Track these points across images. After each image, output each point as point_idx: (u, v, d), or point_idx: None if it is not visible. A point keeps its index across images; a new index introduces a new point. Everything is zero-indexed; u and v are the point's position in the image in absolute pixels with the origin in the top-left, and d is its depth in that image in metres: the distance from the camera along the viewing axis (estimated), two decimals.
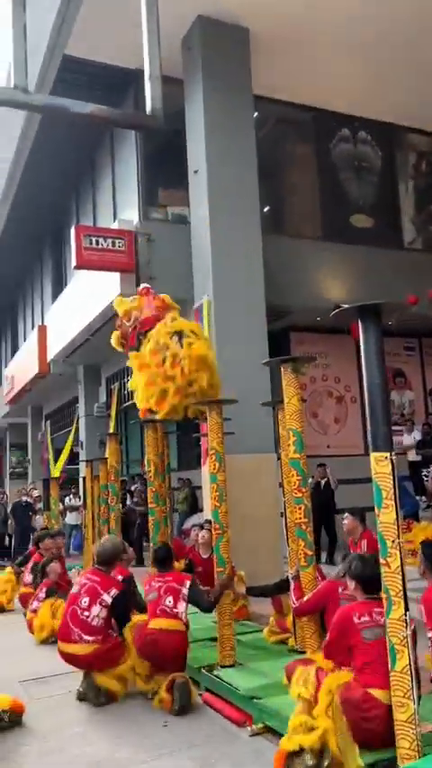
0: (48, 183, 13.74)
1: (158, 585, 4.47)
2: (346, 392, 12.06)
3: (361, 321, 3.00)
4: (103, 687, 4.35)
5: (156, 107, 2.73)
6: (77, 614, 4.45)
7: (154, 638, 4.23)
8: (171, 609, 4.33)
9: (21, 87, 2.56)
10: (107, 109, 2.87)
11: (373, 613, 3.14)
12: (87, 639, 4.37)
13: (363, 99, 10.86)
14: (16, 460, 25.71)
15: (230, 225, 8.51)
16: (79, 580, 4.76)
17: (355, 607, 3.25)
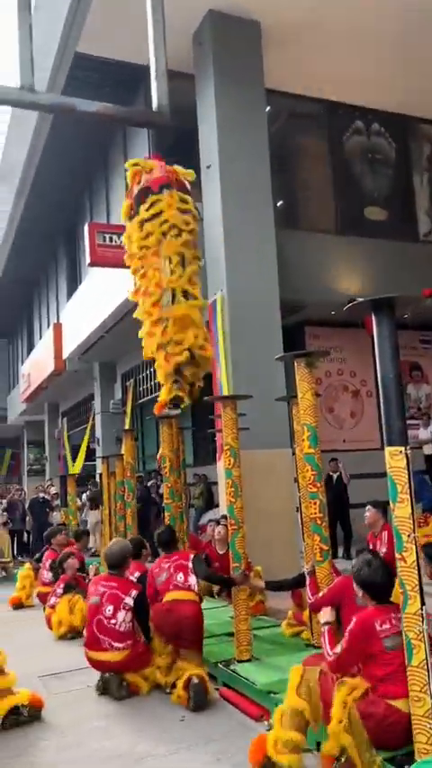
0: (61, 181, 13.80)
1: (167, 565, 4.69)
2: (362, 386, 12.00)
3: (374, 315, 2.98)
4: (127, 682, 4.40)
5: (162, 104, 2.72)
6: (104, 624, 4.47)
7: (168, 608, 4.45)
8: (183, 583, 4.57)
9: (27, 87, 2.57)
10: (113, 107, 2.88)
11: (392, 619, 3.02)
12: (118, 647, 4.43)
13: (376, 91, 10.76)
14: (33, 457, 25.94)
15: (243, 220, 8.49)
16: (95, 589, 4.67)
17: (375, 613, 3.09)
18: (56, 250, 18.06)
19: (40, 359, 17.85)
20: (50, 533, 8.30)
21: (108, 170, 13.09)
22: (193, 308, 5.21)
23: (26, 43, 2.56)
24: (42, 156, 12.39)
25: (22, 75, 2.53)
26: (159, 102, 2.73)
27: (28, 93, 2.57)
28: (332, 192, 11.15)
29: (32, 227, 15.74)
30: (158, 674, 4.40)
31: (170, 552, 4.88)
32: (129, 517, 8.00)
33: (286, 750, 2.97)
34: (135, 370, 13.91)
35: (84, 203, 15.07)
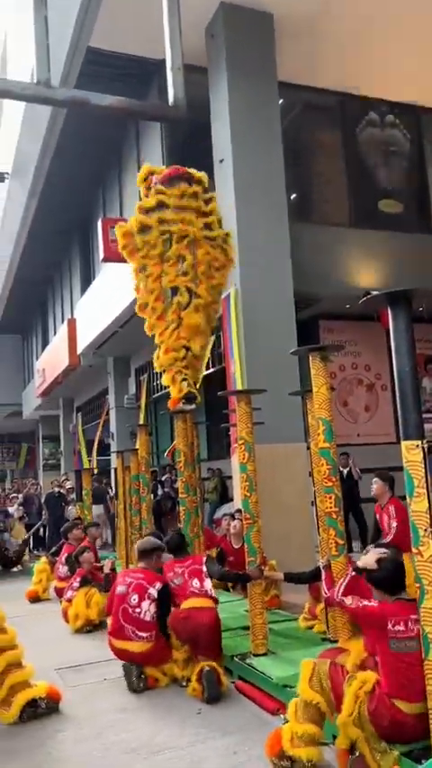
0: (74, 177, 13.82)
1: (182, 571, 4.71)
2: (377, 380, 11.93)
3: (390, 308, 2.96)
4: (145, 675, 4.49)
5: (178, 97, 2.71)
6: (129, 612, 4.60)
7: (186, 616, 4.44)
8: (199, 589, 4.59)
9: (44, 82, 2.57)
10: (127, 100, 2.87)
11: (408, 622, 2.94)
12: (142, 636, 4.53)
13: (390, 82, 10.65)
14: (49, 452, 26.10)
15: (257, 213, 8.45)
16: (123, 579, 4.84)
17: (393, 610, 3.00)
18: (69, 246, 18.11)
19: (54, 354, 17.94)
20: (67, 528, 8.37)
21: (121, 165, 13.10)
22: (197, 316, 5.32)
23: (42, 38, 2.56)
24: (55, 151, 12.41)
25: (39, 71, 2.53)
26: (175, 95, 2.72)
27: (44, 88, 2.57)
28: (346, 185, 11.07)
29: (46, 223, 15.79)
30: (176, 667, 4.46)
31: (182, 557, 4.90)
32: (144, 511, 8.03)
33: (303, 743, 2.97)
34: (149, 365, 13.92)
35: (97, 199, 15.09)
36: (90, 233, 15.95)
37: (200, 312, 5.45)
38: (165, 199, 5.53)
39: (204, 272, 5.56)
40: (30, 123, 12.36)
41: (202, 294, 5.48)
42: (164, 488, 13.00)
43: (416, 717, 2.84)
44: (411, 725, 2.85)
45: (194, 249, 5.51)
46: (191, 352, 5.49)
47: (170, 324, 5.47)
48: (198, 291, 5.48)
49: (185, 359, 5.49)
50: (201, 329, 5.44)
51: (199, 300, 5.45)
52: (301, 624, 5.34)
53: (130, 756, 3.41)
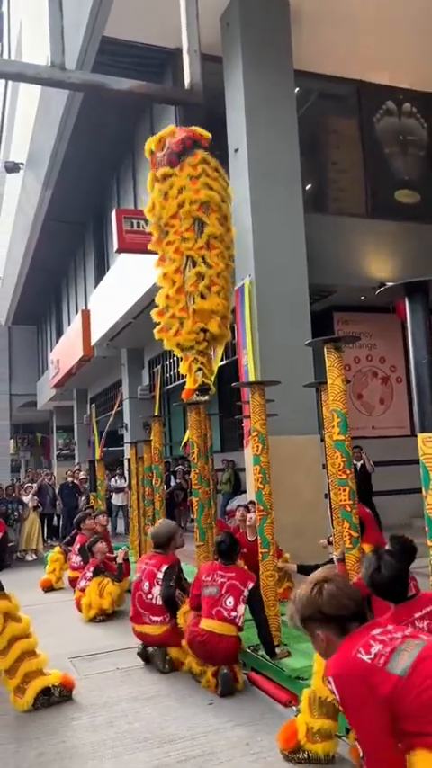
0: (89, 168, 13.81)
1: (221, 582, 4.30)
2: (392, 372, 11.85)
3: (408, 299, 2.91)
4: (171, 657, 4.59)
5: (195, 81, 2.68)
6: (143, 598, 4.76)
7: (204, 641, 4.18)
8: (229, 612, 4.20)
9: (58, 65, 2.55)
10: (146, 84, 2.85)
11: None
12: (156, 620, 4.68)
13: (407, 70, 10.52)
14: (63, 443, 26.27)
15: (272, 204, 8.39)
16: (139, 566, 4.99)
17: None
18: (84, 236, 18.12)
19: (68, 345, 18.01)
20: (80, 518, 8.42)
21: (135, 156, 13.05)
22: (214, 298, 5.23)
23: (57, 20, 2.54)
24: (70, 142, 12.39)
25: (53, 53, 2.51)
26: (192, 79, 2.69)
27: (59, 71, 2.55)
28: (362, 175, 10.96)
29: (60, 214, 15.80)
30: (194, 663, 4.39)
31: (228, 565, 4.42)
32: (157, 502, 8.04)
33: (320, 738, 2.97)
34: (162, 356, 13.93)
35: (111, 190, 15.07)
36: (104, 224, 15.95)
37: (214, 287, 5.31)
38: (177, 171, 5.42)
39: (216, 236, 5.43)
40: (44, 114, 12.35)
41: (216, 262, 5.36)
42: (176, 479, 13.05)
43: None
44: None
45: (209, 213, 5.41)
46: (209, 333, 5.39)
47: (189, 299, 5.36)
48: (210, 261, 5.35)
49: (205, 340, 5.39)
50: (216, 311, 5.34)
51: (213, 272, 5.32)
52: None
53: (142, 745, 3.43)
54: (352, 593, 2.05)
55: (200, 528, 5.56)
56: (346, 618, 1.98)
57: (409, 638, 1.95)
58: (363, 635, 1.97)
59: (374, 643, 1.95)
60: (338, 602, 2.00)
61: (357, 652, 1.94)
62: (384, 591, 2.97)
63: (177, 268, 5.37)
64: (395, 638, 1.93)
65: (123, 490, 13.91)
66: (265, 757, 3.21)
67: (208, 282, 5.27)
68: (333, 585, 2.04)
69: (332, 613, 2.01)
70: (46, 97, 11.70)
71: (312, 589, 2.02)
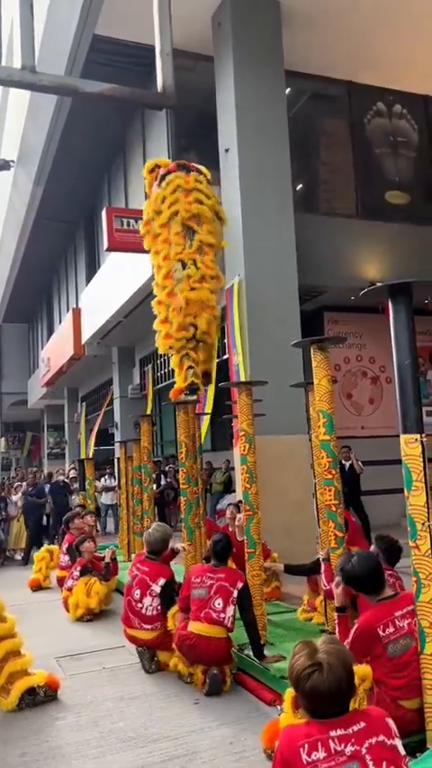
0: (80, 166, 13.77)
1: (210, 583, 4.25)
2: (381, 372, 11.89)
3: (392, 300, 2.93)
4: (158, 658, 4.59)
5: (167, 84, 2.68)
6: (133, 605, 4.74)
7: (193, 644, 4.15)
8: (218, 613, 4.15)
9: (29, 68, 2.54)
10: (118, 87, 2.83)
11: (396, 620, 2.93)
12: (146, 627, 4.68)
13: (397, 71, 10.54)
14: (54, 441, 26.19)
15: (262, 203, 8.40)
16: (131, 569, 4.94)
17: (377, 615, 2.96)
18: (74, 235, 18.08)
19: (59, 343, 17.96)
20: (68, 517, 8.40)
21: (126, 155, 13.03)
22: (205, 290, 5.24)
23: (27, 24, 2.54)
24: (61, 140, 12.35)
25: (24, 56, 2.51)
26: (165, 82, 2.69)
27: (30, 73, 2.54)
28: (353, 176, 10.98)
29: (51, 212, 15.74)
30: (180, 663, 4.38)
31: (218, 566, 4.38)
32: (146, 501, 8.05)
33: None
34: (153, 355, 13.92)
35: (102, 188, 15.04)
36: (95, 222, 15.91)
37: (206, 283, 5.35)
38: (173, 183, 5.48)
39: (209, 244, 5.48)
40: (35, 111, 12.30)
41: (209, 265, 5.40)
42: (167, 479, 13.05)
43: (415, 711, 2.84)
44: (412, 720, 2.84)
45: (201, 224, 5.45)
46: (198, 330, 5.40)
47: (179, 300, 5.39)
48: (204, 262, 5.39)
49: (194, 338, 5.41)
50: (207, 303, 5.35)
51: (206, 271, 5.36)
52: (299, 616, 5.35)
53: (126, 745, 3.43)
54: (334, 689, 1.90)
55: (187, 527, 5.57)
56: (316, 712, 1.93)
57: (351, 762, 1.84)
58: (321, 730, 1.88)
59: (321, 748, 1.85)
60: (315, 697, 1.91)
61: (302, 746, 1.86)
62: (356, 582, 3.08)
63: (167, 273, 5.39)
64: (342, 754, 1.84)
65: (113, 489, 13.89)
66: (249, 757, 3.21)
67: (199, 277, 5.29)
68: (320, 677, 1.90)
69: (305, 704, 1.97)
70: (37, 94, 11.65)
71: (303, 671, 1.92)
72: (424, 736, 2.77)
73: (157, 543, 4.95)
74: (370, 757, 1.83)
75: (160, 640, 4.60)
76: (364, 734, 1.87)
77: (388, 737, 1.89)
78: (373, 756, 1.83)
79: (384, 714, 1.99)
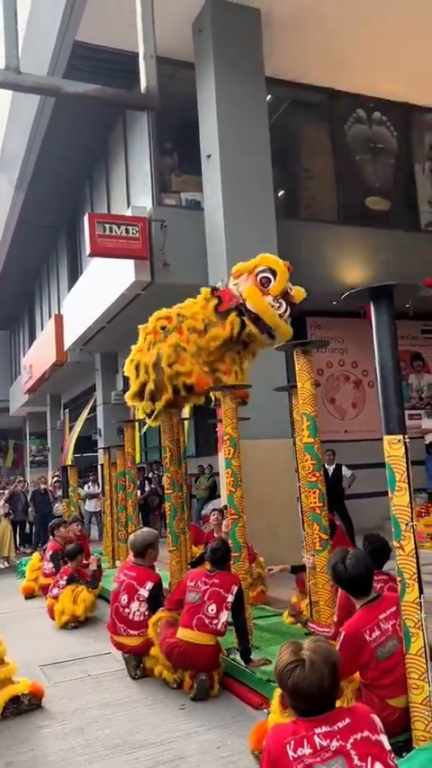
0: (62, 171, 13.73)
1: (204, 589, 4.20)
2: (364, 376, 11.97)
3: (373, 303, 2.96)
4: (144, 665, 4.57)
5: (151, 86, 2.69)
6: (120, 611, 4.70)
7: (182, 651, 4.12)
8: (211, 620, 4.11)
9: (12, 68, 2.54)
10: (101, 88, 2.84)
11: (381, 623, 2.94)
12: (132, 634, 4.63)
13: (377, 79, 10.67)
14: (36, 449, 25.98)
15: (244, 209, 8.44)
16: (118, 576, 4.90)
17: (362, 620, 2.98)
18: (57, 240, 18.00)
19: (41, 350, 17.83)
20: (54, 525, 8.33)
21: (108, 160, 13.02)
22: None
23: (11, 23, 2.54)
24: (42, 145, 12.32)
25: (7, 57, 2.51)
26: (148, 84, 2.70)
27: (13, 73, 2.54)
28: (334, 182, 11.08)
29: (33, 218, 15.68)
30: (165, 671, 4.36)
31: (213, 572, 4.32)
32: (130, 508, 8.02)
33: None
34: None
35: (84, 193, 15.01)
36: (77, 228, 15.85)
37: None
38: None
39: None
40: (16, 116, 12.27)
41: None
42: (151, 485, 13.01)
43: (403, 710, 2.86)
44: (399, 718, 2.86)
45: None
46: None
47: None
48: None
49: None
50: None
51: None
52: (285, 620, 5.34)
53: (112, 752, 3.41)
54: (316, 685, 1.91)
55: (172, 533, 5.55)
56: (301, 709, 1.96)
57: (336, 757, 1.86)
58: (307, 727, 1.90)
59: (307, 745, 1.87)
60: (297, 693, 1.93)
61: (288, 743, 1.88)
62: (344, 583, 3.10)
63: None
64: (327, 749, 1.86)
65: (96, 496, 13.81)
66: (236, 761, 3.21)
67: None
68: (302, 673, 1.91)
69: (289, 700, 1.99)
70: (18, 99, 11.62)
71: (286, 666, 1.95)
72: (410, 735, 2.78)
73: (137, 545, 4.90)
74: (355, 752, 1.85)
75: (147, 646, 4.56)
76: (350, 730, 1.89)
77: (373, 733, 1.91)
78: (358, 752, 1.85)
79: (370, 711, 2.02)
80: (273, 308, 4.90)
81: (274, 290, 4.89)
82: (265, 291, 4.89)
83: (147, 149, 10.30)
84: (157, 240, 9.29)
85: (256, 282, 4.92)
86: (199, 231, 8.94)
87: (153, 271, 9.33)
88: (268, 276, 4.92)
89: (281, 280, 4.92)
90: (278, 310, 4.91)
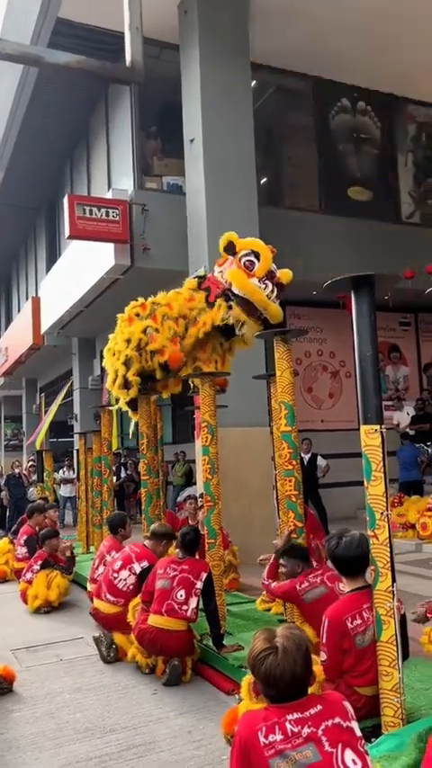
0: (42, 151, 13.52)
1: (174, 575, 4.20)
2: (341, 367, 12.04)
3: (354, 292, 2.96)
4: (116, 645, 4.57)
5: (136, 60, 2.64)
6: (108, 575, 4.90)
7: (152, 638, 4.13)
8: (180, 605, 4.11)
9: None
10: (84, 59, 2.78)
11: (363, 612, 2.95)
12: (110, 600, 4.76)
13: (362, 68, 10.65)
14: (11, 433, 25.73)
15: (227, 195, 8.38)
16: (122, 549, 5.14)
17: (346, 607, 2.99)
18: (35, 222, 17.76)
19: (17, 333, 17.62)
20: (30, 510, 8.25)
21: (89, 141, 12.84)
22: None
23: None
24: (22, 126, 12.10)
25: None
26: (133, 57, 2.65)
27: None
28: (316, 171, 11.06)
29: (12, 198, 15.44)
30: (139, 654, 4.35)
31: (183, 558, 4.32)
32: (105, 493, 7.98)
33: None
34: None
35: (65, 174, 14.80)
36: (56, 209, 15.65)
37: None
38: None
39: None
40: None
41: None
42: (127, 471, 12.98)
43: (370, 697, 2.90)
44: (365, 704, 2.90)
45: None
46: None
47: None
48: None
49: None
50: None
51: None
52: (258, 606, 5.38)
53: (83, 735, 3.40)
54: (288, 672, 1.92)
55: (147, 519, 5.55)
56: (273, 696, 1.97)
57: (307, 744, 1.87)
58: (278, 714, 1.91)
59: (278, 731, 1.87)
60: (269, 680, 1.94)
61: (260, 729, 1.89)
62: (334, 559, 3.13)
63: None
64: (299, 735, 1.88)
65: (72, 481, 13.75)
66: (207, 745, 3.22)
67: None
68: (275, 661, 1.93)
69: (262, 687, 2.01)
70: None
71: (259, 654, 1.96)
72: (379, 721, 2.82)
73: (158, 535, 4.93)
74: (326, 739, 1.87)
75: (118, 619, 4.64)
76: (321, 717, 1.91)
77: (344, 720, 1.93)
78: (329, 738, 1.87)
79: (342, 698, 2.03)
80: (260, 289, 4.85)
81: (258, 271, 4.86)
82: (250, 274, 4.85)
83: (129, 131, 10.17)
84: (137, 224, 9.20)
85: (240, 266, 4.88)
86: (180, 216, 8.87)
87: (133, 255, 9.26)
88: (252, 259, 4.88)
89: (265, 261, 4.89)
90: (265, 291, 4.86)
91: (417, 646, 3.87)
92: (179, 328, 5.21)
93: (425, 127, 12.43)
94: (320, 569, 3.85)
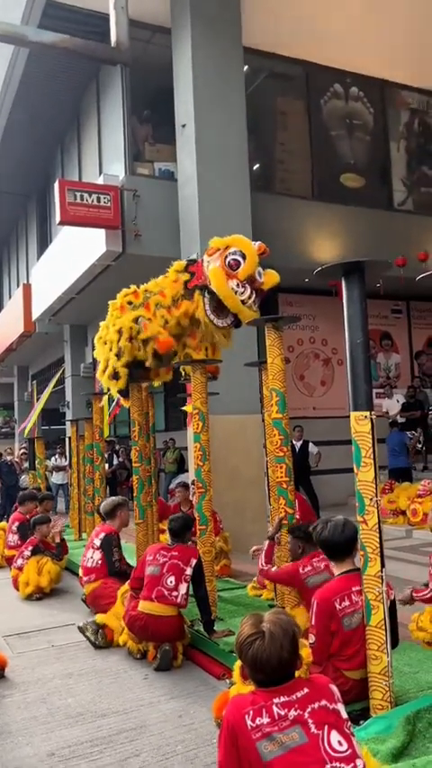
0: (33, 137, 13.38)
1: (163, 561, 4.22)
2: (333, 354, 12.05)
3: (345, 279, 2.96)
4: (104, 630, 4.59)
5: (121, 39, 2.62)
6: (84, 561, 5.33)
7: (143, 624, 4.14)
8: (170, 591, 4.13)
9: None
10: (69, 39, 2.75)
11: (352, 595, 2.97)
12: (84, 579, 5.29)
13: (356, 54, 10.57)
14: (2, 420, 25.71)
15: (219, 181, 8.34)
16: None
17: (335, 588, 3.03)
18: (26, 207, 17.61)
19: (8, 320, 17.53)
20: (22, 498, 8.24)
21: (80, 127, 12.71)
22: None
23: None
24: (12, 110, 11.97)
25: None
26: (118, 37, 2.63)
27: None
28: (309, 157, 11.01)
29: (2, 184, 15.30)
30: (130, 641, 4.37)
31: (173, 544, 4.35)
32: (97, 480, 7.99)
33: None
34: None
35: (55, 160, 14.66)
36: (47, 195, 15.51)
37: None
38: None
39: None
40: None
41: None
42: (119, 458, 12.99)
43: (358, 681, 2.93)
44: (352, 688, 2.93)
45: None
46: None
47: None
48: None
49: None
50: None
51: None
52: (249, 592, 5.42)
53: (74, 720, 3.42)
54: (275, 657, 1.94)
55: (139, 506, 5.56)
56: (260, 680, 1.99)
57: (294, 726, 1.89)
58: (265, 698, 1.93)
59: (265, 714, 1.90)
60: (256, 665, 1.96)
61: (247, 713, 1.91)
62: (320, 543, 3.18)
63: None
64: (285, 718, 1.89)
65: (64, 469, 13.74)
66: (197, 728, 3.25)
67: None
68: (262, 645, 1.95)
69: (249, 672, 2.03)
70: None
71: (246, 639, 1.98)
72: (367, 704, 2.85)
73: (108, 512, 5.43)
74: (312, 721, 1.89)
75: (94, 595, 5.11)
76: (308, 699, 1.93)
77: (330, 702, 1.95)
78: (315, 720, 1.89)
79: (328, 681, 2.06)
80: (235, 294, 4.77)
81: (241, 273, 4.78)
82: (231, 275, 4.77)
83: (120, 116, 10.08)
84: (129, 210, 9.14)
85: (223, 264, 4.80)
86: (172, 202, 8.82)
87: (125, 241, 9.20)
88: (238, 259, 4.80)
89: (249, 264, 4.79)
90: (241, 296, 4.77)
91: (405, 631, 3.90)
92: (170, 316, 5.18)
93: (418, 113, 12.37)
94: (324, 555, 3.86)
